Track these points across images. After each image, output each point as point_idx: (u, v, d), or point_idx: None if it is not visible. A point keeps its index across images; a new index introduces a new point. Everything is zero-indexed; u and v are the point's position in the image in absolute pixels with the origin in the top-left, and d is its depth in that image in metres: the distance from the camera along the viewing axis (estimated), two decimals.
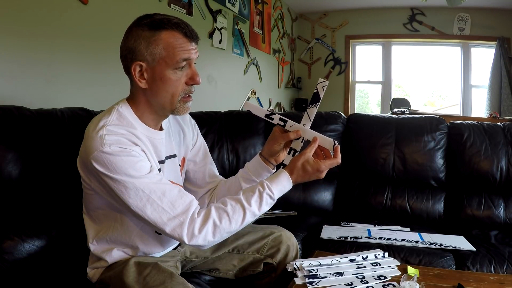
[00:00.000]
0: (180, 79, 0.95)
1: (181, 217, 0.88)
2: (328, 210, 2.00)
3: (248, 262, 1.19)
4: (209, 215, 0.90)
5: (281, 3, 4.79)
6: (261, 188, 0.95)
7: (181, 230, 0.87)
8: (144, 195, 0.86)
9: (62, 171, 1.25)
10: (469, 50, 5.12)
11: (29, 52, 1.62)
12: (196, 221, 0.89)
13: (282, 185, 0.98)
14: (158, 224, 0.88)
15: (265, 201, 0.95)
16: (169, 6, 2.54)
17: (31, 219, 1.19)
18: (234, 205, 0.93)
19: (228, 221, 0.91)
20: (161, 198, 0.87)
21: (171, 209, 0.88)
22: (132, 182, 0.86)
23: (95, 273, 1.03)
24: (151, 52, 0.92)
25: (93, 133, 0.88)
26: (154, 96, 0.96)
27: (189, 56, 0.94)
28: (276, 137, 1.07)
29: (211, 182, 1.19)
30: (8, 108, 1.21)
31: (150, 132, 1.00)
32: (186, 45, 0.93)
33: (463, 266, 1.37)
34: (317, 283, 1.00)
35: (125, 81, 1.01)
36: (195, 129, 1.20)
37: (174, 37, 0.93)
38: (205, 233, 0.89)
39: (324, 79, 1.04)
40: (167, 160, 1.05)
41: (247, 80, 3.91)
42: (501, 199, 1.81)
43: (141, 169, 0.88)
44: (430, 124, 1.96)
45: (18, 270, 1.10)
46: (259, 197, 0.94)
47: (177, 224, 0.87)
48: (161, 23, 0.93)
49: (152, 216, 0.87)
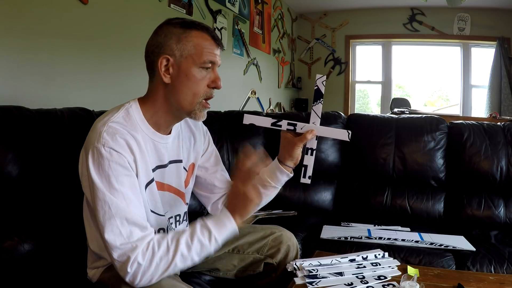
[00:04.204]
0: (204, 79, 0.96)
1: (134, 244, 0.83)
2: (328, 210, 2.00)
3: (248, 262, 1.19)
4: (149, 244, 0.84)
5: (281, 3, 4.79)
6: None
7: (132, 254, 0.82)
8: (109, 212, 0.83)
9: (62, 171, 1.25)
10: (469, 50, 5.12)
11: (29, 52, 1.62)
12: (140, 247, 0.83)
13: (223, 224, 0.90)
14: (109, 245, 0.83)
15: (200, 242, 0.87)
16: (169, 6, 2.54)
17: (31, 218, 1.19)
18: (172, 237, 0.87)
19: (166, 248, 0.85)
20: (122, 222, 0.83)
21: (128, 236, 0.83)
22: (104, 193, 0.84)
23: (95, 273, 1.03)
24: (181, 48, 0.94)
25: (96, 125, 0.90)
26: (175, 93, 0.96)
27: (214, 59, 0.96)
28: (293, 142, 1.06)
29: (223, 188, 1.19)
30: (8, 108, 1.21)
31: (155, 135, 0.99)
32: (213, 48, 0.96)
33: (463, 266, 1.37)
34: (317, 283, 1.00)
35: (125, 81, 1.01)
36: (207, 135, 1.20)
37: (203, 38, 0.95)
38: (144, 261, 0.83)
39: (321, 74, 1.04)
40: (170, 164, 1.05)
41: (247, 80, 3.91)
42: (501, 199, 1.81)
43: (123, 183, 0.86)
44: (430, 124, 1.96)
45: (18, 270, 1.10)
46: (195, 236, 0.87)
47: (128, 249, 0.82)
48: (193, 23, 0.97)
49: (107, 235, 0.83)
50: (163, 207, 1.03)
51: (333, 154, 2.02)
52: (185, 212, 1.16)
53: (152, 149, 0.98)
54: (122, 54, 2.08)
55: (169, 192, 1.06)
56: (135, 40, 2.11)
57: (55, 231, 1.23)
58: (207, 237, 0.88)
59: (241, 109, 3.66)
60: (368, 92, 6.07)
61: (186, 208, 1.16)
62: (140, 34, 2.27)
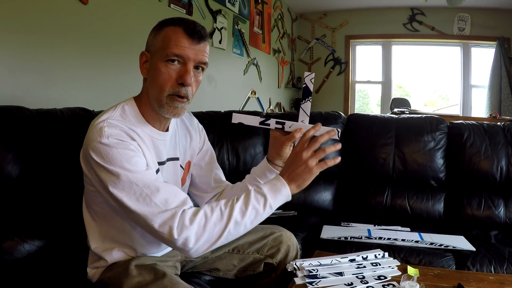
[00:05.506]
0: (171, 74, 0.93)
1: (173, 210, 0.84)
2: (328, 210, 2.00)
3: (248, 262, 1.19)
4: (200, 209, 0.86)
5: (281, 3, 4.79)
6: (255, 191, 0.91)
7: (172, 222, 0.82)
8: (137, 188, 0.84)
9: (62, 171, 1.25)
10: (469, 50, 5.12)
11: (29, 52, 1.62)
12: (187, 213, 0.84)
13: (276, 188, 0.92)
14: (147, 218, 0.83)
15: (255, 204, 0.88)
16: (169, 6, 2.54)
17: (31, 219, 1.19)
18: (225, 203, 0.89)
19: (220, 214, 0.86)
20: (155, 193, 0.84)
21: (164, 204, 0.84)
22: (126, 175, 0.84)
23: (95, 273, 1.03)
24: (154, 43, 0.95)
25: (94, 124, 0.90)
26: (150, 87, 0.97)
27: (182, 53, 0.92)
28: (281, 140, 1.05)
29: (217, 187, 1.20)
30: (8, 108, 1.21)
31: (153, 132, 1.00)
32: (183, 41, 0.93)
33: (463, 266, 1.37)
34: (317, 283, 1.00)
35: (125, 81, 1.01)
36: (202, 133, 1.21)
37: (173, 31, 0.94)
38: (196, 225, 0.83)
39: (309, 72, 1.04)
40: (168, 162, 1.05)
41: (247, 80, 3.91)
42: (501, 199, 1.81)
43: (137, 164, 0.87)
44: (430, 124, 1.96)
45: (18, 270, 1.10)
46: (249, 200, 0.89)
47: (168, 217, 0.82)
48: (173, 20, 0.95)
49: (143, 210, 0.83)
50: None
51: (333, 153, 2.01)
52: None
53: (151, 145, 0.99)
54: (122, 54, 2.08)
55: None
56: (135, 40, 2.11)
57: (55, 231, 1.23)
58: (262, 204, 0.88)
59: (241, 109, 3.66)
60: (368, 92, 6.07)
61: None
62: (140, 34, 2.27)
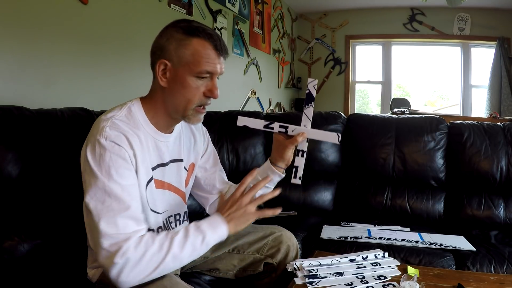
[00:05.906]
0: (199, 88, 0.96)
1: (128, 235, 0.81)
2: (328, 210, 2.00)
3: (248, 262, 1.19)
4: (142, 237, 0.83)
5: (281, 3, 4.79)
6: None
7: (122, 245, 0.80)
8: (108, 200, 0.83)
9: (62, 171, 1.25)
10: (469, 50, 5.12)
11: (29, 52, 1.62)
12: (135, 240, 0.81)
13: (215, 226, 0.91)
14: (100, 232, 0.81)
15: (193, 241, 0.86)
16: (169, 6, 2.54)
17: (31, 218, 1.19)
18: (165, 235, 0.86)
19: (159, 246, 0.83)
20: (122, 211, 0.82)
21: (123, 228, 0.82)
22: (104, 182, 0.83)
23: (95, 273, 1.03)
24: (179, 54, 0.93)
25: (99, 121, 0.91)
26: (170, 96, 0.97)
27: (213, 69, 0.95)
28: (284, 144, 1.07)
29: (222, 189, 1.22)
30: (8, 108, 1.21)
31: (156, 134, 1.00)
32: (213, 57, 0.94)
33: (463, 266, 1.37)
34: (317, 283, 1.00)
35: (125, 81, 1.01)
36: (206, 136, 1.22)
37: (203, 47, 0.94)
38: (138, 254, 0.80)
39: (312, 78, 1.05)
40: (170, 163, 1.06)
41: (247, 80, 3.91)
42: (501, 199, 1.81)
43: (122, 176, 0.86)
44: (430, 124, 1.96)
45: (18, 270, 1.10)
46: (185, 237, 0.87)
47: (120, 239, 0.80)
48: (196, 30, 0.94)
49: (101, 223, 0.81)
50: (162, 205, 1.04)
51: (333, 154, 2.02)
52: (185, 212, 1.16)
53: (153, 147, 0.99)
54: (122, 54, 2.08)
55: (169, 190, 1.06)
56: (135, 40, 2.11)
57: (55, 231, 1.23)
58: (200, 241, 0.87)
59: (241, 109, 3.66)
60: (368, 92, 6.07)
61: (186, 208, 1.16)
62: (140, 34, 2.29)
